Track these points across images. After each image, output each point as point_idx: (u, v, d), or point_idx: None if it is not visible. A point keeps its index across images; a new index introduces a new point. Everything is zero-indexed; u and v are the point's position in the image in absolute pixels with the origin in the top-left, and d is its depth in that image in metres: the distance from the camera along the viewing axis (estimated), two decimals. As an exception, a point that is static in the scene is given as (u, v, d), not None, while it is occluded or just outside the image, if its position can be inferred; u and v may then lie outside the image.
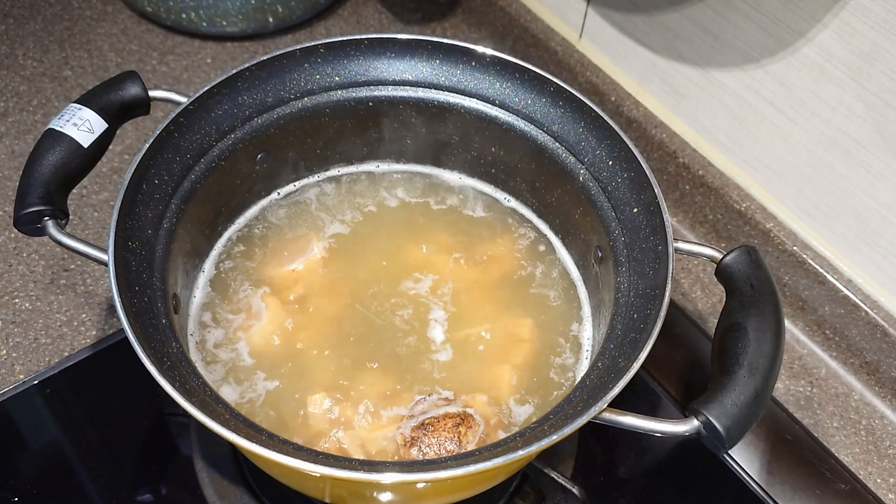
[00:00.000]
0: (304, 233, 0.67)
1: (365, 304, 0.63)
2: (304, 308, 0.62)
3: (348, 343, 0.60)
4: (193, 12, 0.89)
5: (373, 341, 0.61)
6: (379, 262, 0.66)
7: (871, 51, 0.60)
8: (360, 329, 0.61)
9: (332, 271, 0.65)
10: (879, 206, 0.66)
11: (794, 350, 0.74)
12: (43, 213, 0.54)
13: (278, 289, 0.63)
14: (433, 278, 0.65)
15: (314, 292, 0.63)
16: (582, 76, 0.86)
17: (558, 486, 0.62)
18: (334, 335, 0.60)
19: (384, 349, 0.60)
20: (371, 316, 0.62)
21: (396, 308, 0.62)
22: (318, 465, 0.43)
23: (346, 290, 0.63)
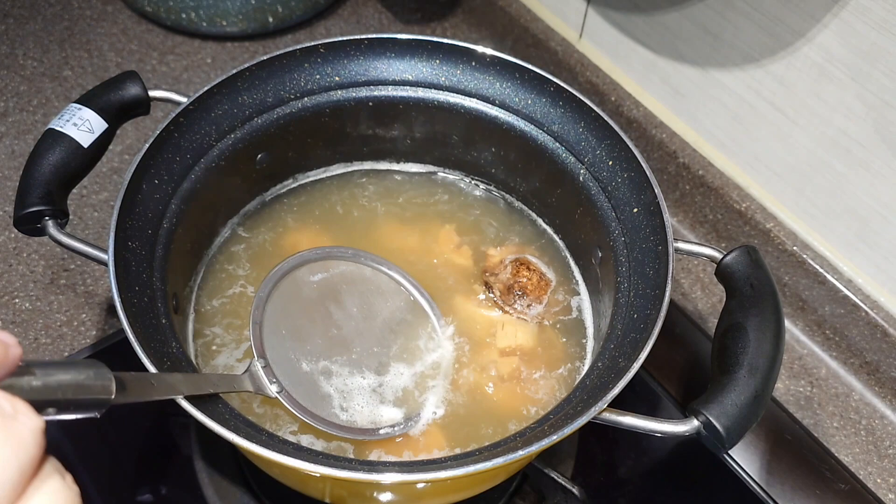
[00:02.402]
0: (304, 232, 0.67)
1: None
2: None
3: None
4: (193, 12, 0.89)
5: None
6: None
7: (871, 51, 0.60)
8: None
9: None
10: (879, 206, 0.66)
11: (794, 350, 0.74)
12: (43, 213, 0.54)
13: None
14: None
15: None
16: (582, 76, 0.86)
17: (558, 486, 0.62)
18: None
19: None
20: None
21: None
22: (318, 465, 0.43)
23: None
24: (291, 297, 0.58)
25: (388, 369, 0.58)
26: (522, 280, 0.63)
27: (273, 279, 0.58)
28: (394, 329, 0.60)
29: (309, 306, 0.59)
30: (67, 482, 0.27)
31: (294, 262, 0.60)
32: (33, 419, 0.26)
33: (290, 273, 0.59)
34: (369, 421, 0.56)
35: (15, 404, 0.26)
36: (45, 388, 0.28)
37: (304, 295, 0.59)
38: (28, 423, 0.26)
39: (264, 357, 0.54)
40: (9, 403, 0.25)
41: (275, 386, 0.53)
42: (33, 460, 0.26)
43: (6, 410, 0.25)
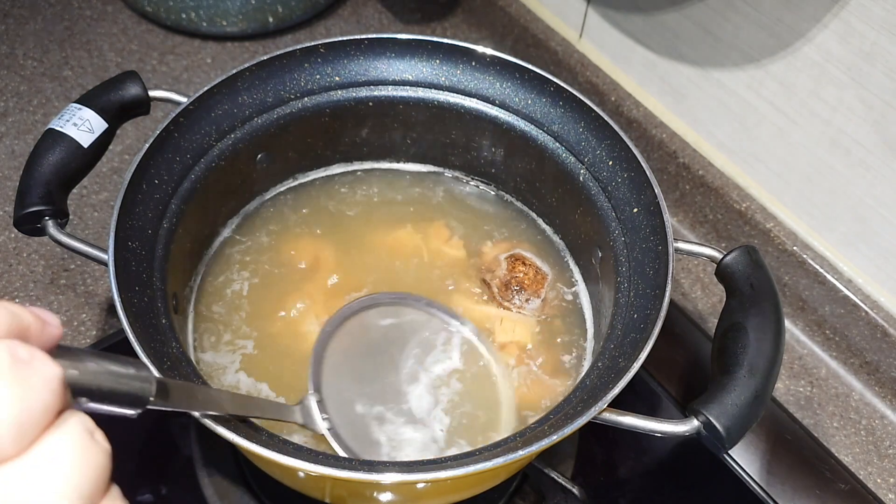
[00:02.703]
0: (304, 232, 0.67)
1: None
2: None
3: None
4: (193, 12, 0.89)
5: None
6: (380, 262, 0.66)
7: (871, 51, 0.60)
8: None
9: (332, 270, 0.65)
10: (879, 206, 0.66)
11: (794, 350, 0.74)
12: (43, 213, 0.54)
13: (280, 290, 0.63)
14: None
15: (314, 291, 0.63)
16: (582, 76, 0.86)
17: (558, 486, 0.62)
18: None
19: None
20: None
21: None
22: (318, 465, 0.43)
23: (346, 288, 0.63)
24: (357, 337, 0.58)
25: (445, 426, 0.56)
26: (519, 275, 0.64)
27: (342, 316, 0.58)
28: (457, 387, 0.58)
29: (373, 349, 0.58)
30: (97, 438, 0.27)
31: (366, 302, 0.60)
32: (49, 367, 0.26)
33: (360, 312, 0.59)
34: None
35: (32, 352, 0.26)
36: (80, 373, 0.28)
37: (371, 337, 0.58)
38: (43, 369, 0.25)
39: (319, 391, 0.54)
40: (26, 351, 0.25)
41: (325, 423, 0.52)
42: (46, 406, 0.25)
43: (21, 356, 0.25)
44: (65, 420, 0.26)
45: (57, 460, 0.25)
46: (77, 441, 0.26)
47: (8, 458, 0.24)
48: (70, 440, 0.26)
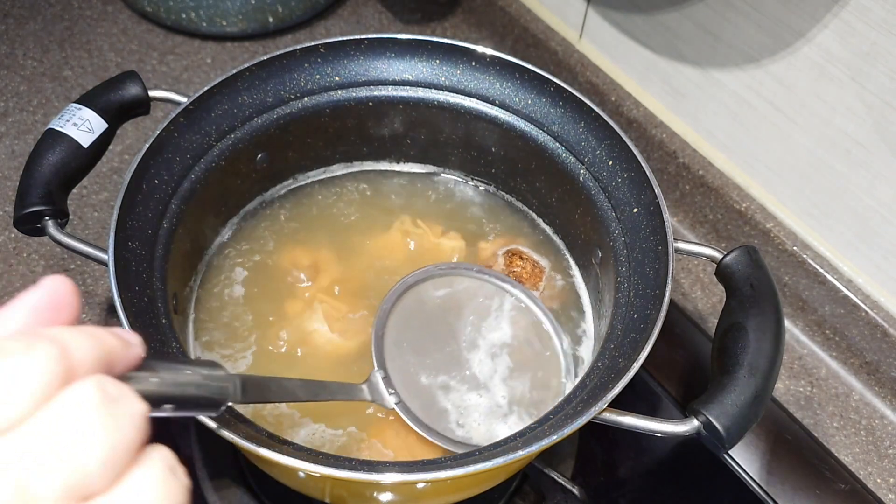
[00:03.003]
0: (304, 232, 0.67)
1: (365, 304, 0.63)
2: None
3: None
4: (193, 12, 0.89)
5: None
6: (381, 261, 0.66)
7: (871, 51, 0.60)
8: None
9: (333, 269, 0.65)
10: (879, 206, 0.66)
11: (794, 350, 0.74)
12: (43, 213, 0.54)
13: (280, 289, 0.63)
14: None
15: (315, 290, 0.63)
16: (582, 76, 0.86)
17: (558, 486, 0.62)
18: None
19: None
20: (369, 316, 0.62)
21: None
22: (318, 465, 0.43)
23: (347, 288, 0.63)
24: (414, 311, 0.59)
25: (509, 388, 0.57)
26: (517, 269, 0.64)
27: (397, 292, 0.59)
28: (517, 349, 0.59)
29: (431, 321, 0.59)
30: (178, 474, 0.28)
31: (419, 276, 0.61)
32: (136, 404, 0.27)
33: (413, 287, 0.60)
34: (486, 438, 0.55)
35: (120, 388, 0.27)
36: (162, 383, 0.30)
37: (427, 309, 0.60)
38: (129, 406, 0.27)
39: (384, 368, 0.55)
40: (115, 388, 0.26)
41: (393, 397, 0.54)
42: (130, 442, 0.26)
43: (111, 393, 0.26)
44: (149, 456, 0.27)
45: (142, 495, 0.26)
46: (160, 477, 0.27)
47: (97, 493, 0.25)
48: (153, 476, 0.27)
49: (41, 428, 0.25)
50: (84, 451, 0.25)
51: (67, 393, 0.25)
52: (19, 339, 0.26)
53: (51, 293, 0.29)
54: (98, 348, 0.27)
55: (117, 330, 0.29)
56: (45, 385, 0.25)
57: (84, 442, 0.25)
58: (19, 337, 0.26)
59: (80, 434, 0.25)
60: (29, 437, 0.24)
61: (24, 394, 0.25)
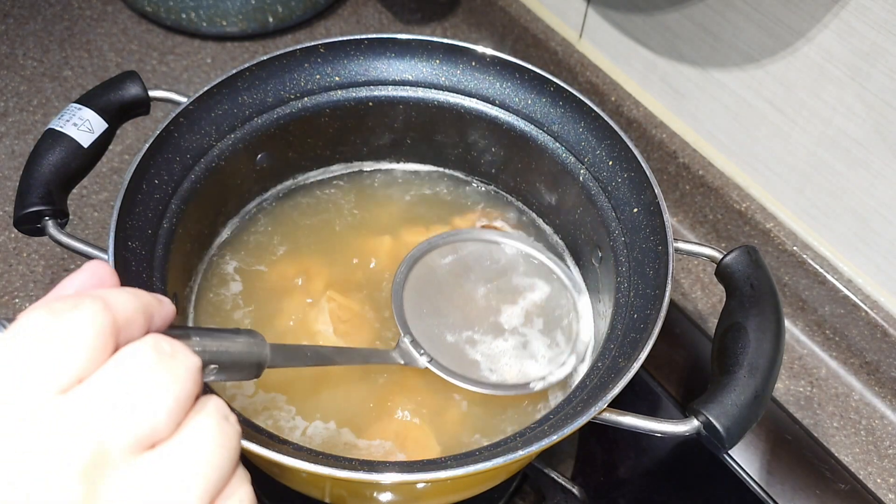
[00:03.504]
0: (304, 232, 0.67)
1: (367, 301, 0.63)
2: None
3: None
4: (193, 12, 0.89)
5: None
6: (381, 260, 0.66)
7: (871, 51, 0.60)
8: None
9: (333, 269, 0.65)
10: (879, 206, 0.66)
11: (794, 350, 0.74)
12: (43, 213, 0.54)
13: (280, 289, 0.63)
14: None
15: (315, 290, 0.63)
16: (582, 76, 0.86)
17: (558, 486, 0.62)
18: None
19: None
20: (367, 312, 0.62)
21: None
22: (317, 465, 0.43)
23: (347, 286, 0.64)
24: (426, 280, 0.62)
25: (531, 328, 0.61)
26: None
27: (407, 264, 0.62)
28: (530, 292, 0.63)
29: (444, 286, 0.62)
30: (231, 420, 0.30)
31: (423, 248, 0.64)
32: (190, 358, 0.30)
33: (421, 259, 0.63)
34: (519, 378, 0.58)
35: (174, 345, 0.29)
36: (206, 347, 0.33)
37: (438, 276, 0.63)
38: (185, 360, 0.29)
39: (410, 333, 0.58)
40: (168, 344, 0.29)
41: (424, 357, 0.56)
42: (189, 393, 0.29)
43: (165, 349, 0.29)
44: (204, 404, 0.30)
45: (202, 439, 0.29)
46: (216, 422, 0.29)
47: (164, 438, 0.28)
48: (210, 422, 0.29)
49: (107, 384, 0.27)
50: (150, 403, 0.27)
51: (127, 350, 0.28)
52: (65, 300, 0.28)
53: (93, 273, 0.32)
54: (136, 302, 0.30)
55: (152, 293, 0.32)
56: (96, 336, 0.27)
57: (149, 395, 0.27)
58: (64, 299, 0.28)
59: (144, 388, 0.27)
60: (96, 393, 0.27)
61: (80, 347, 0.27)
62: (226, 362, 0.34)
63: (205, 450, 0.28)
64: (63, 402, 0.26)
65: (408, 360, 0.56)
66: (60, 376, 0.26)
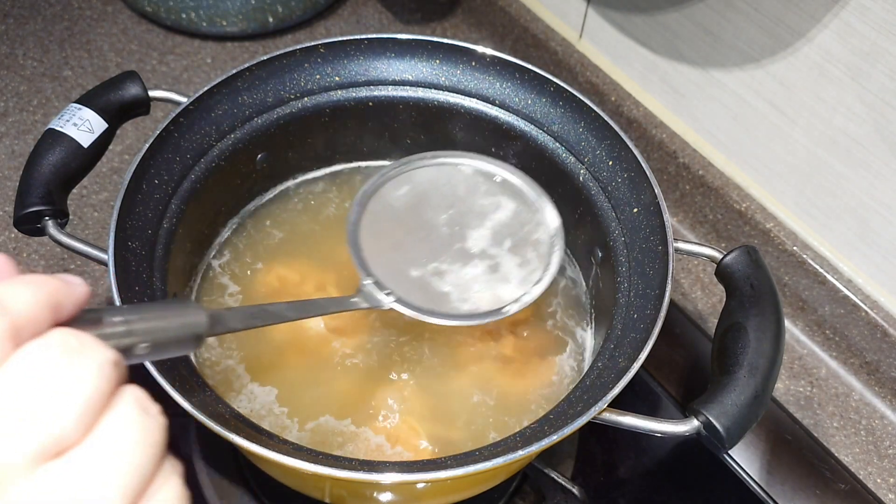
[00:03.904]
0: (304, 232, 0.67)
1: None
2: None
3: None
4: (193, 12, 0.89)
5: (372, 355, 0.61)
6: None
7: (871, 51, 0.60)
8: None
9: (332, 269, 0.65)
10: (879, 206, 0.66)
11: (794, 350, 0.74)
12: (43, 213, 0.54)
13: (280, 288, 0.63)
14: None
15: (314, 291, 0.63)
16: (582, 76, 0.86)
17: (558, 486, 0.62)
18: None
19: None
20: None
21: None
22: (318, 465, 0.43)
23: (348, 286, 0.63)
24: (383, 215, 0.59)
25: (500, 248, 0.58)
26: None
27: (359, 202, 0.58)
28: (494, 212, 0.60)
29: (403, 218, 0.59)
30: (152, 413, 0.27)
31: (376, 182, 0.60)
32: (102, 351, 0.26)
33: (374, 194, 0.59)
34: (493, 303, 0.56)
35: (81, 339, 0.26)
36: (131, 327, 0.29)
37: (395, 209, 0.59)
38: (96, 355, 0.26)
39: (371, 275, 0.54)
40: (75, 339, 0.26)
41: (390, 297, 0.53)
42: (102, 391, 0.26)
43: (72, 345, 0.26)
44: (119, 399, 0.27)
45: (117, 440, 0.26)
46: (133, 419, 0.27)
47: (73, 444, 0.25)
48: (126, 418, 0.26)
49: (3, 391, 0.24)
50: (54, 408, 0.25)
51: (26, 350, 0.25)
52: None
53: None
54: (38, 293, 0.26)
55: (57, 275, 0.28)
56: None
57: (52, 399, 0.25)
58: None
59: (46, 392, 0.25)
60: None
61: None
62: (159, 338, 0.31)
63: (121, 449, 0.26)
64: None
65: (372, 303, 0.52)
66: None
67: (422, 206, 0.59)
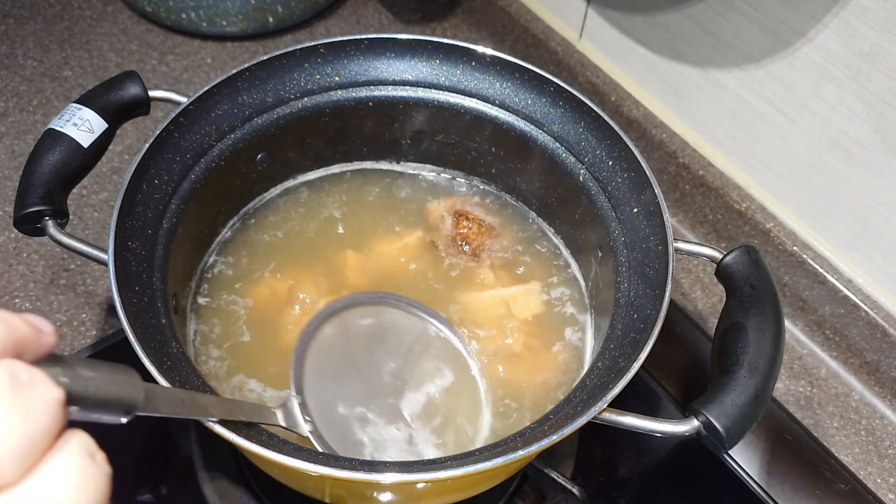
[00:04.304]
0: (304, 232, 0.67)
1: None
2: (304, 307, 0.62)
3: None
4: (193, 12, 0.89)
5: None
6: (382, 260, 0.66)
7: (871, 51, 0.60)
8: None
9: (332, 270, 0.65)
10: (879, 206, 0.66)
11: (794, 350, 0.74)
12: (43, 213, 0.54)
13: (279, 289, 0.63)
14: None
15: (313, 290, 0.63)
16: (582, 76, 0.86)
17: (558, 486, 0.62)
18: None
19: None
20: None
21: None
22: (318, 465, 0.43)
23: (348, 286, 0.63)
24: (338, 338, 0.57)
25: (427, 422, 0.55)
26: (463, 231, 0.66)
27: (322, 316, 0.57)
28: (437, 385, 0.58)
29: (354, 349, 0.57)
30: (98, 460, 0.26)
31: (346, 302, 0.59)
32: (50, 389, 0.25)
33: (339, 313, 0.58)
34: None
35: (32, 374, 0.25)
36: (71, 381, 0.28)
37: (351, 337, 0.58)
38: (44, 392, 0.25)
39: (301, 393, 0.53)
40: (26, 373, 0.25)
41: (308, 425, 0.51)
42: (46, 430, 0.25)
43: (21, 379, 0.24)
44: (66, 442, 0.26)
45: (58, 486, 0.25)
46: (77, 465, 0.25)
47: (9, 484, 0.24)
48: (70, 464, 0.25)
49: None
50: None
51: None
52: None
53: None
54: (6, 332, 0.26)
55: (30, 316, 0.27)
56: None
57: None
58: None
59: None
60: None
61: None
62: (90, 404, 0.29)
63: (60, 496, 0.24)
64: None
65: (290, 424, 0.50)
66: None
67: (376, 345, 0.58)
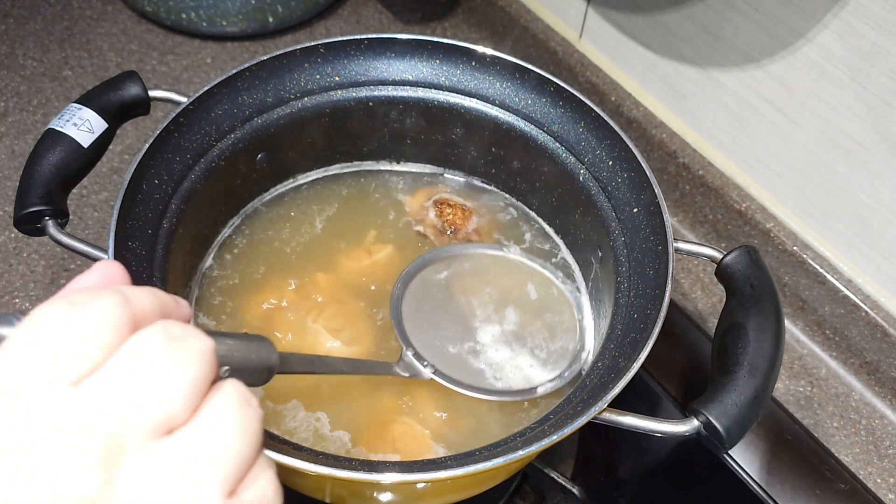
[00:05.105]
0: (303, 232, 0.67)
1: (365, 301, 0.63)
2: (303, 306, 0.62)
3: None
4: (193, 12, 0.89)
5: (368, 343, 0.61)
6: (383, 261, 0.66)
7: (871, 51, 0.60)
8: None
9: (331, 270, 0.65)
10: (879, 206, 0.66)
11: (794, 350, 0.74)
12: (43, 213, 0.54)
13: (280, 288, 0.63)
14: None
15: (313, 289, 0.63)
16: (582, 76, 0.86)
17: (558, 486, 0.62)
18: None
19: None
20: (370, 311, 0.62)
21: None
22: (318, 465, 0.43)
23: (348, 286, 0.64)
24: (423, 295, 0.62)
25: (532, 336, 0.61)
26: (449, 217, 0.68)
27: (403, 281, 0.62)
28: (525, 301, 0.63)
29: (442, 300, 0.62)
30: (252, 404, 0.29)
31: (418, 264, 0.64)
32: (202, 340, 0.29)
33: (416, 275, 0.63)
34: (523, 383, 0.58)
35: (184, 328, 0.29)
36: (218, 343, 0.31)
37: (435, 291, 0.63)
38: (197, 343, 0.29)
39: (412, 347, 0.58)
40: (179, 328, 0.28)
41: (428, 369, 0.57)
42: (204, 375, 0.28)
43: (176, 333, 0.28)
44: (222, 387, 0.29)
45: (221, 423, 0.28)
46: (236, 405, 0.28)
47: (179, 424, 0.27)
48: (230, 405, 0.28)
49: (118, 373, 0.26)
50: (162, 387, 0.27)
51: (137, 337, 0.28)
52: (84, 292, 0.28)
53: (104, 273, 0.31)
54: (154, 301, 0.30)
55: (170, 295, 0.31)
56: (113, 328, 0.27)
57: (161, 379, 0.27)
58: (84, 291, 0.28)
59: (155, 372, 0.27)
60: (108, 383, 0.26)
61: (93, 339, 0.27)
62: (238, 364, 0.33)
63: (223, 434, 0.27)
64: (75, 394, 0.26)
65: (412, 373, 0.56)
66: (71, 369, 0.26)
67: (459, 290, 0.63)
